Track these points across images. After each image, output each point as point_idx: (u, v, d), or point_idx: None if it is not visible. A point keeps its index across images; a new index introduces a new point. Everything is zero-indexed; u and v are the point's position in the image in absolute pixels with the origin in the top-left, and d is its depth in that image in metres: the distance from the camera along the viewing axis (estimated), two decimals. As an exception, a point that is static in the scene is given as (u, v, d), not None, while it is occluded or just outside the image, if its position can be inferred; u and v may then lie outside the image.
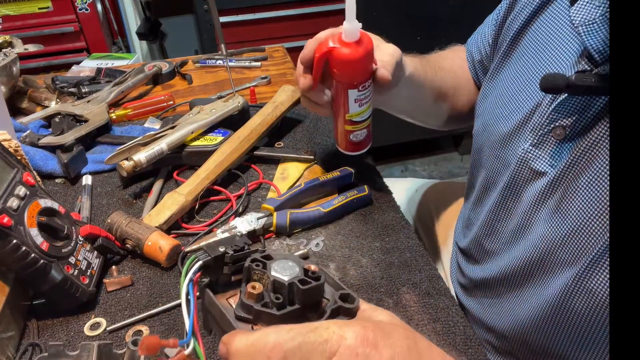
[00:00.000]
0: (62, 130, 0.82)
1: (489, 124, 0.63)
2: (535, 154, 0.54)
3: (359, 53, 0.55)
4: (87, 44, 2.02)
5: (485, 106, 0.66)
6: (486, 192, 0.64)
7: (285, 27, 1.95)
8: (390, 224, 0.67)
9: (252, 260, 0.38)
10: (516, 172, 0.57)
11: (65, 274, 0.52)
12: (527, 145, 0.55)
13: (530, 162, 0.55)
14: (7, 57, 0.92)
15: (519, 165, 0.56)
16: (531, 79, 0.57)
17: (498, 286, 0.62)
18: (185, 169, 0.79)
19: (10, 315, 0.51)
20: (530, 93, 0.56)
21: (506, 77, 0.62)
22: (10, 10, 1.88)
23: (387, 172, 2.42)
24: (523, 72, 0.59)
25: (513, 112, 0.58)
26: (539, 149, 0.53)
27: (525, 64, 0.59)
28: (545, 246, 0.53)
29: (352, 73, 0.57)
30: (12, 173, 0.54)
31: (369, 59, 0.57)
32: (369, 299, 0.56)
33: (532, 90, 0.56)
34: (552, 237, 0.52)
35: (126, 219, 0.62)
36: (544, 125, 0.52)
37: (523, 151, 0.55)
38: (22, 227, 0.50)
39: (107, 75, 1.10)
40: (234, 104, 0.83)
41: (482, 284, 0.66)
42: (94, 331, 0.53)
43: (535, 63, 0.57)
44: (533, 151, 0.54)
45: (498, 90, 0.63)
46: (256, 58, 1.18)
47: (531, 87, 0.56)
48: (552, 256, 0.52)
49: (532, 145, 0.54)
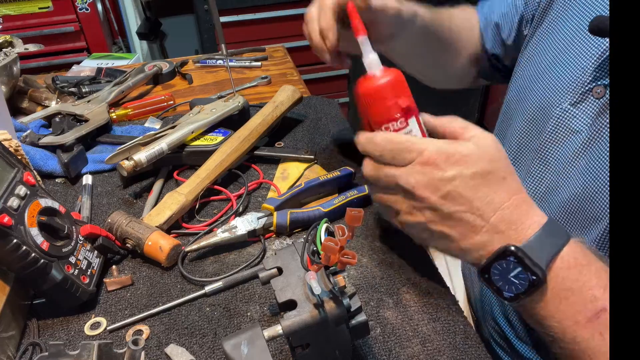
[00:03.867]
0: (63, 130, 0.82)
1: (526, 89, 0.63)
2: (573, 112, 0.55)
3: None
4: (87, 43, 2.02)
5: (522, 73, 0.67)
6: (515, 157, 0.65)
7: (285, 27, 1.95)
8: (391, 224, 0.67)
9: None
10: (552, 132, 0.58)
11: (66, 273, 0.52)
12: (565, 104, 0.56)
13: (567, 121, 0.56)
14: (8, 57, 0.92)
15: (556, 125, 0.57)
16: (574, 42, 0.57)
17: None
18: (186, 168, 0.79)
19: (11, 315, 0.51)
20: (574, 55, 0.57)
21: (548, 43, 0.62)
22: (11, 10, 1.88)
23: (387, 172, 2.42)
24: (565, 36, 0.59)
25: (554, 75, 0.59)
26: (577, 107, 0.55)
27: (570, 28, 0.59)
28: (575, 204, 0.55)
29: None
30: (13, 173, 0.54)
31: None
32: (369, 299, 0.56)
33: (576, 53, 0.57)
34: (582, 194, 0.54)
35: (126, 219, 0.62)
36: (585, 84, 0.54)
37: (561, 110, 0.57)
38: (22, 227, 0.50)
39: (108, 75, 1.10)
40: (234, 103, 0.83)
41: None
42: (94, 331, 0.53)
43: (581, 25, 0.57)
44: (571, 110, 0.56)
45: (538, 57, 0.63)
46: (256, 58, 1.18)
47: (575, 49, 0.57)
48: (583, 213, 0.54)
49: (571, 104, 0.56)
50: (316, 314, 0.40)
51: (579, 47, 0.56)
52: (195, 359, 0.50)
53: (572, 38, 0.58)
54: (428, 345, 0.51)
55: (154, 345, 0.51)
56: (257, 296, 0.56)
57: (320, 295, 0.40)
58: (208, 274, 0.60)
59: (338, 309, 0.40)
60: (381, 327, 0.53)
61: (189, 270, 0.60)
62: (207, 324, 0.53)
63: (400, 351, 0.50)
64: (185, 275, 0.59)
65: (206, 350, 0.51)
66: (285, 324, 0.40)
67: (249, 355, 0.38)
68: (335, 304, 0.40)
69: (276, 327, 0.40)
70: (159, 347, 0.51)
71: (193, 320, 0.54)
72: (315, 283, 0.38)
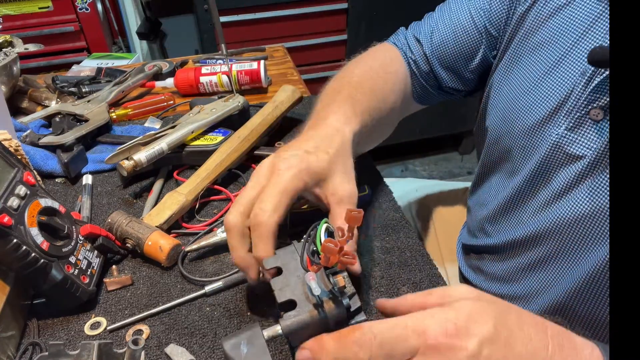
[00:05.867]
0: (63, 129, 0.82)
1: (510, 115, 0.62)
2: (572, 138, 0.54)
3: None
4: (87, 43, 2.02)
5: (500, 98, 0.65)
6: (508, 179, 0.64)
7: (285, 27, 1.95)
8: (390, 224, 0.67)
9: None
10: (548, 157, 0.57)
11: (66, 273, 0.52)
12: (561, 130, 0.55)
13: (565, 147, 0.55)
14: (8, 57, 0.92)
15: (552, 151, 0.56)
16: (558, 64, 0.56)
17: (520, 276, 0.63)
18: (186, 168, 0.79)
19: (11, 315, 0.51)
20: (559, 79, 0.56)
21: (525, 67, 0.61)
22: (11, 9, 1.88)
23: (387, 172, 2.42)
24: (546, 59, 0.58)
25: (540, 99, 0.57)
26: (575, 132, 0.54)
27: (548, 52, 0.58)
28: (578, 227, 0.54)
29: None
30: (13, 172, 0.54)
31: None
32: (369, 299, 0.56)
33: (560, 76, 0.56)
34: (586, 216, 0.53)
35: (126, 219, 0.62)
36: (581, 108, 0.52)
37: (557, 136, 0.55)
38: (22, 227, 0.50)
39: (108, 74, 1.10)
40: (234, 103, 0.83)
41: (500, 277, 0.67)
42: (94, 330, 0.53)
43: (562, 48, 0.56)
44: (569, 135, 0.54)
45: (515, 80, 0.62)
46: (256, 58, 1.18)
47: (558, 73, 0.56)
48: (587, 234, 0.54)
49: (567, 129, 0.54)
50: (316, 314, 0.40)
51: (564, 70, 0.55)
52: (195, 358, 0.50)
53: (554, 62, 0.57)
54: (428, 345, 0.51)
55: (154, 345, 0.51)
56: (257, 296, 0.56)
57: (320, 296, 0.40)
58: (208, 274, 0.60)
59: (337, 309, 0.40)
60: (381, 327, 0.53)
61: (189, 270, 0.60)
62: (207, 324, 0.53)
63: (400, 351, 0.50)
64: (185, 275, 0.59)
65: (206, 350, 0.51)
66: (284, 324, 0.40)
67: (249, 355, 0.38)
68: (335, 304, 0.40)
69: (275, 327, 0.40)
70: (159, 347, 0.51)
71: (193, 320, 0.54)
72: (314, 284, 0.38)
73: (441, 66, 0.72)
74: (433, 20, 0.73)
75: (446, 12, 0.72)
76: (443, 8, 0.73)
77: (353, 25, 2.02)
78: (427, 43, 0.72)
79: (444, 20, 0.71)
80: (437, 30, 0.71)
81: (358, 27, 2.02)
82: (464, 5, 0.69)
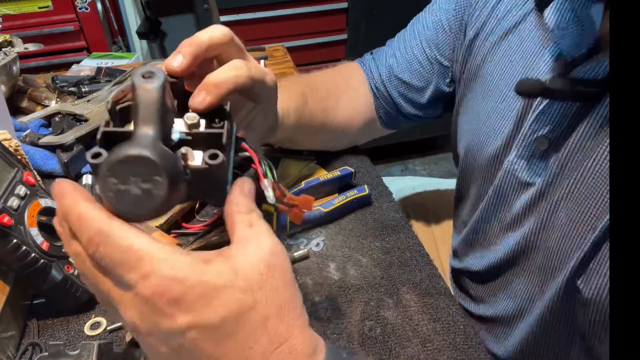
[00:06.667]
0: (63, 129, 0.82)
1: (473, 143, 0.63)
2: (521, 165, 0.54)
3: None
4: (87, 43, 2.02)
5: (465, 126, 0.66)
6: (477, 203, 0.65)
7: (285, 27, 1.95)
8: (390, 224, 0.67)
9: None
10: (503, 183, 0.57)
11: (66, 273, 0.52)
12: (512, 157, 0.55)
13: (516, 173, 0.55)
14: (7, 57, 0.92)
15: (505, 177, 0.56)
16: (507, 94, 0.56)
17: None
18: (186, 168, 0.79)
19: (11, 315, 0.51)
20: (509, 108, 0.56)
21: (480, 96, 0.61)
22: (10, 9, 1.88)
23: (387, 172, 2.42)
24: (497, 88, 0.58)
25: (496, 129, 0.58)
26: (524, 160, 0.54)
27: (498, 81, 0.58)
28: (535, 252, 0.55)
29: None
30: (13, 172, 0.54)
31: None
32: (369, 299, 0.56)
33: (510, 106, 0.56)
34: (542, 243, 0.53)
35: (126, 219, 0.62)
36: (527, 136, 0.53)
37: (508, 163, 0.55)
38: (22, 227, 0.50)
39: (107, 74, 1.10)
40: (234, 103, 0.83)
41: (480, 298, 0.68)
42: (94, 331, 0.53)
43: (509, 78, 0.56)
44: (519, 162, 0.54)
45: (475, 108, 0.63)
46: (256, 57, 1.18)
47: (508, 102, 0.56)
48: (545, 261, 0.53)
49: (517, 156, 0.54)
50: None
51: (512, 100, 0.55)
52: (195, 359, 0.50)
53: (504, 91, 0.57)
54: (428, 346, 0.51)
55: (154, 345, 0.51)
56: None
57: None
58: (208, 274, 0.60)
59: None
60: (381, 327, 0.53)
61: (189, 270, 0.60)
62: (207, 324, 0.53)
63: (400, 351, 0.50)
64: (185, 275, 0.59)
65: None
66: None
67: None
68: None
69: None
70: (159, 347, 0.51)
71: (193, 320, 0.54)
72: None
73: (398, 94, 0.73)
74: (391, 49, 0.74)
75: (402, 42, 0.73)
76: (399, 37, 0.74)
77: (353, 25, 2.01)
78: (384, 71, 0.73)
79: (400, 50, 0.72)
80: (394, 60, 0.73)
81: (358, 27, 2.02)
82: (417, 37, 0.71)
